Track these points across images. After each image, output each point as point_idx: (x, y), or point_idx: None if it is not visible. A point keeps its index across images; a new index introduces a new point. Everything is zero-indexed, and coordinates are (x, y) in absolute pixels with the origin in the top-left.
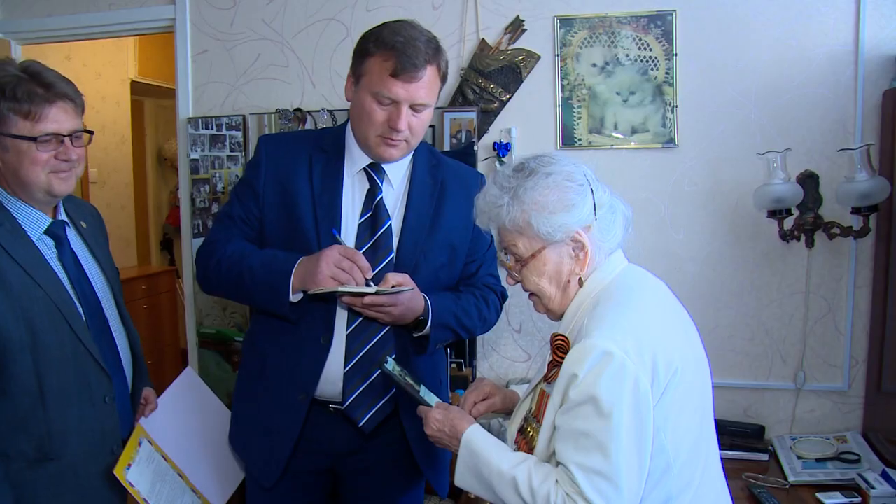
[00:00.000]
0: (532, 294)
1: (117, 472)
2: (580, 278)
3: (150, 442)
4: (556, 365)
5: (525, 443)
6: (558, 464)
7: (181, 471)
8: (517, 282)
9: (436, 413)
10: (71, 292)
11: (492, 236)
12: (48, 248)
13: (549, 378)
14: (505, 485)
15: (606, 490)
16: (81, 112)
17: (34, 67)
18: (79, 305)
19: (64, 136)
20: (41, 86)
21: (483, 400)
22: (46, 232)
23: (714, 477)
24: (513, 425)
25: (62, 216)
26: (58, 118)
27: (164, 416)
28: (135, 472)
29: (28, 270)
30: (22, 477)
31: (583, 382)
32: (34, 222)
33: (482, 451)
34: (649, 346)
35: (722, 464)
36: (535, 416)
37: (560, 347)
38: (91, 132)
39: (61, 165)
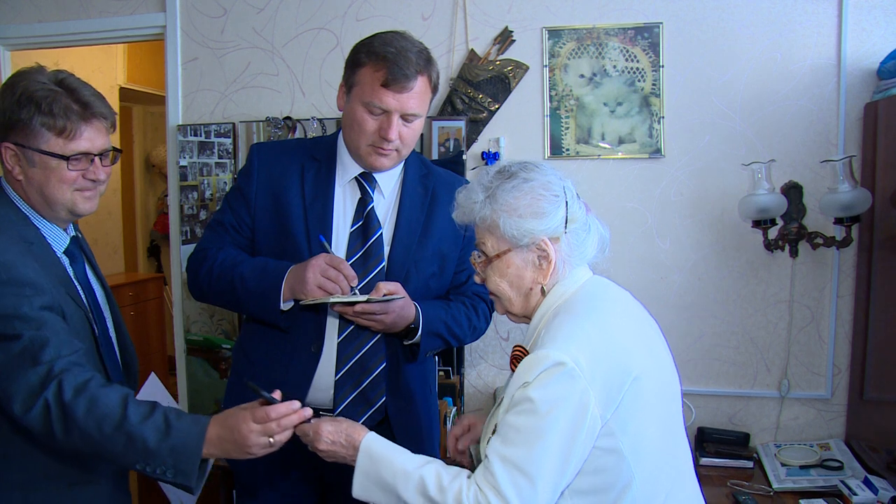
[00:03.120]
0: (492, 293)
1: None
2: (542, 287)
3: None
4: None
5: None
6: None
7: None
8: (482, 280)
9: (325, 425)
10: (88, 310)
11: None
12: (66, 266)
13: None
14: (412, 486)
15: (522, 484)
16: (113, 129)
17: (70, 81)
18: (94, 324)
19: (94, 155)
20: (77, 102)
21: (467, 433)
22: (65, 250)
23: (686, 490)
24: (483, 441)
25: (72, 231)
26: (91, 137)
27: None
28: None
29: (67, 290)
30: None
31: (529, 385)
32: (56, 240)
33: (383, 456)
34: (603, 356)
35: (698, 474)
36: None
37: (517, 358)
38: (119, 150)
39: (87, 184)
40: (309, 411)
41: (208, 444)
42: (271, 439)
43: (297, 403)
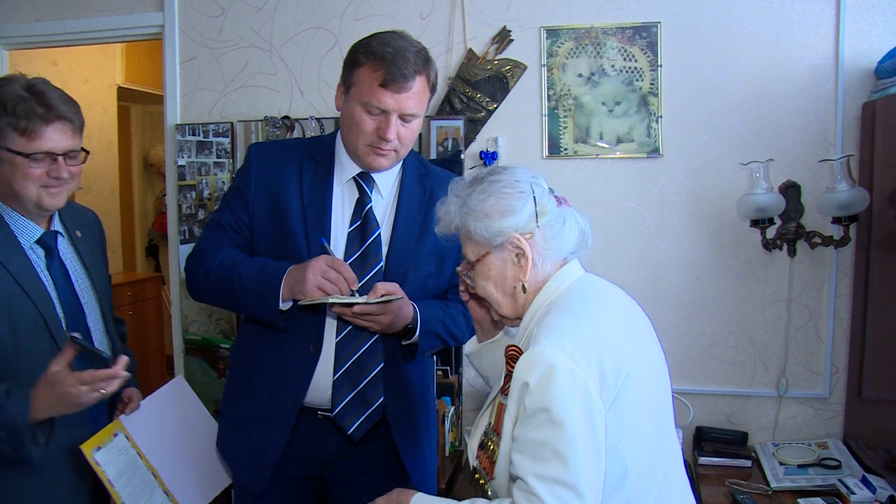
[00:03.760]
0: (483, 299)
1: (85, 447)
2: (523, 285)
3: (126, 437)
4: (511, 377)
5: (486, 457)
6: (515, 479)
7: (156, 471)
8: (472, 287)
9: (379, 501)
10: (56, 302)
11: None
12: (38, 258)
13: (505, 390)
14: None
15: (569, 498)
16: (80, 131)
17: (38, 87)
18: (62, 316)
19: (58, 154)
20: (41, 105)
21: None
22: (38, 242)
23: (677, 485)
24: (473, 441)
25: (56, 226)
26: (53, 137)
27: (145, 417)
28: (104, 455)
29: (17, 279)
30: None
31: (534, 391)
32: (26, 232)
33: None
34: (597, 352)
35: (696, 474)
36: (494, 430)
37: (513, 357)
38: (87, 151)
39: (52, 182)
40: (124, 359)
41: (37, 411)
42: (102, 391)
43: (120, 361)
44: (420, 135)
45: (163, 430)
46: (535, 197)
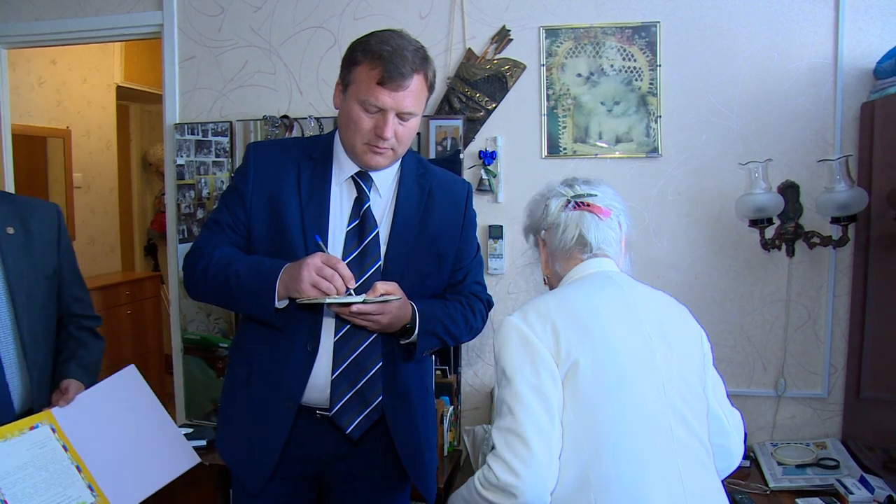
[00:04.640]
0: None
1: None
2: (546, 276)
3: (53, 430)
4: None
5: None
6: None
7: (84, 465)
8: None
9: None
10: None
11: (478, 245)
12: None
13: None
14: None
15: (517, 446)
16: None
17: None
18: None
19: None
20: None
21: None
22: None
23: (670, 493)
24: None
25: None
26: None
27: (84, 408)
28: None
29: None
30: None
31: (497, 355)
32: None
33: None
34: (554, 320)
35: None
36: None
37: None
38: None
39: None
40: None
41: None
42: None
43: None
44: (419, 134)
45: (104, 421)
46: (546, 204)
